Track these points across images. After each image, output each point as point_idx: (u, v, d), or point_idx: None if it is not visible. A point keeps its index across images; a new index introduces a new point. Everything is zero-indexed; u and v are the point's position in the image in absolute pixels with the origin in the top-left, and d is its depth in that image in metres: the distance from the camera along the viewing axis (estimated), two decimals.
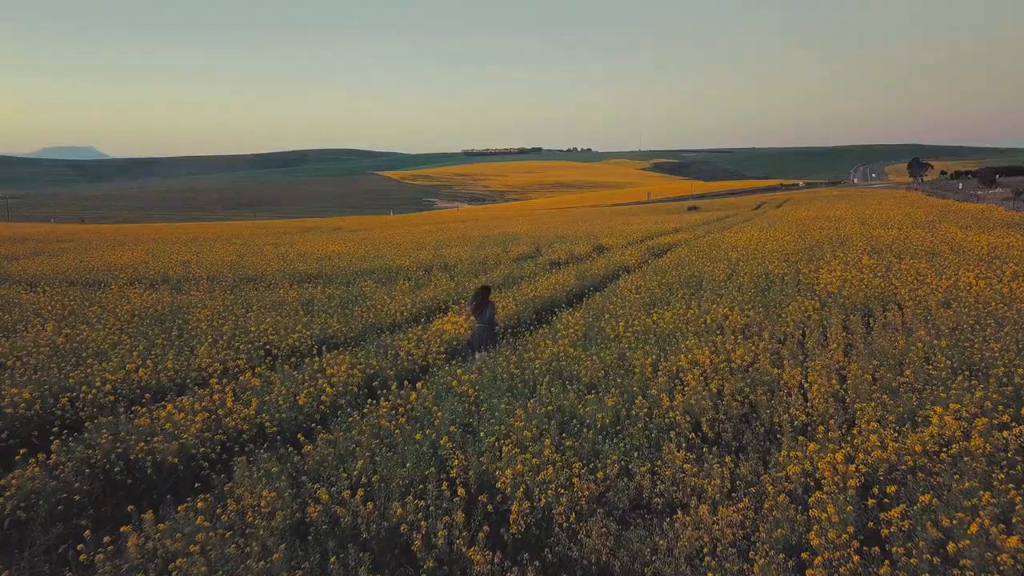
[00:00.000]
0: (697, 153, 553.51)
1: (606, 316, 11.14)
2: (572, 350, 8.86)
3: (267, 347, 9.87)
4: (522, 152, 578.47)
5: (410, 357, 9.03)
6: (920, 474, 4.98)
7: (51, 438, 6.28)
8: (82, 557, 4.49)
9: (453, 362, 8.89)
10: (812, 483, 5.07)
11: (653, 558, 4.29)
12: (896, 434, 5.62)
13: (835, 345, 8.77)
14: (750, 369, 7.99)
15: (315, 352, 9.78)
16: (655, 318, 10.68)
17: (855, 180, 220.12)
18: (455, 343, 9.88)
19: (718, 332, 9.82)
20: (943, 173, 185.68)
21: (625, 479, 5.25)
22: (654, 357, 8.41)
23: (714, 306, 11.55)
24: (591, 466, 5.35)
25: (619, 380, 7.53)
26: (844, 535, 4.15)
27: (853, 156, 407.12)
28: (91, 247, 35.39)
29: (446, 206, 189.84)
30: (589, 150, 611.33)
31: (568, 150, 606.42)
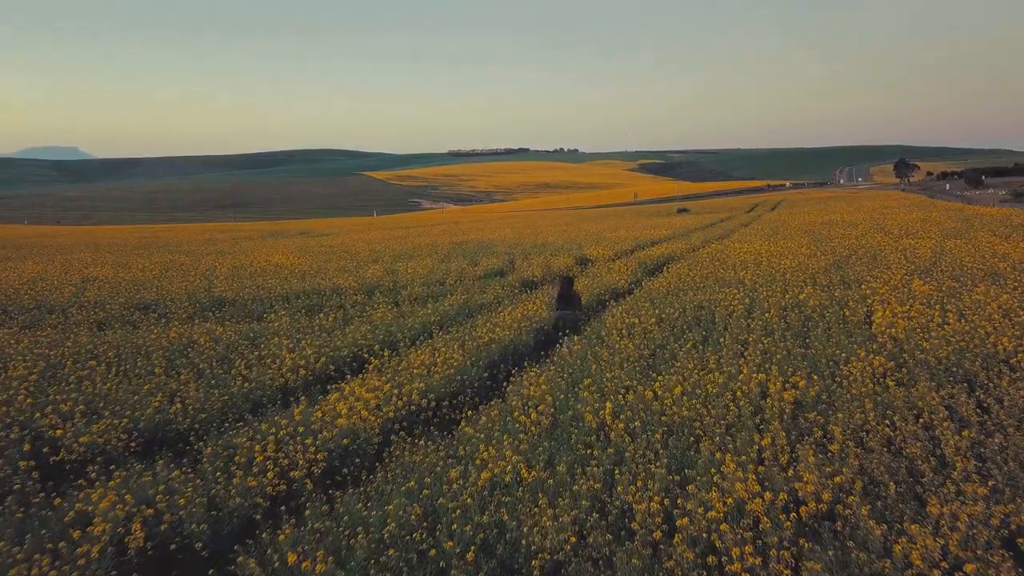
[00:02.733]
0: (684, 154, 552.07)
1: (586, 382, 7.62)
2: (527, 470, 5.31)
3: (48, 449, 6.22)
4: (508, 152, 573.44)
5: (259, 479, 5.41)
6: None
7: None
8: None
9: (327, 492, 5.30)
10: None
11: None
12: None
13: (960, 460, 5.31)
14: (838, 523, 4.50)
15: (125, 458, 6.17)
16: (658, 388, 7.16)
17: (841, 181, 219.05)
18: (348, 442, 6.27)
19: (757, 422, 6.33)
20: (929, 174, 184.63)
21: None
22: (662, 492, 4.89)
23: (741, 363, 8.07)
24: None
25: None
26: None
27: (837, 157, 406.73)
28: (16, 256, 31.39)
29: (432, 207, 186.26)
30: (576, 151, 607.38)
31: (554, 151, 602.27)
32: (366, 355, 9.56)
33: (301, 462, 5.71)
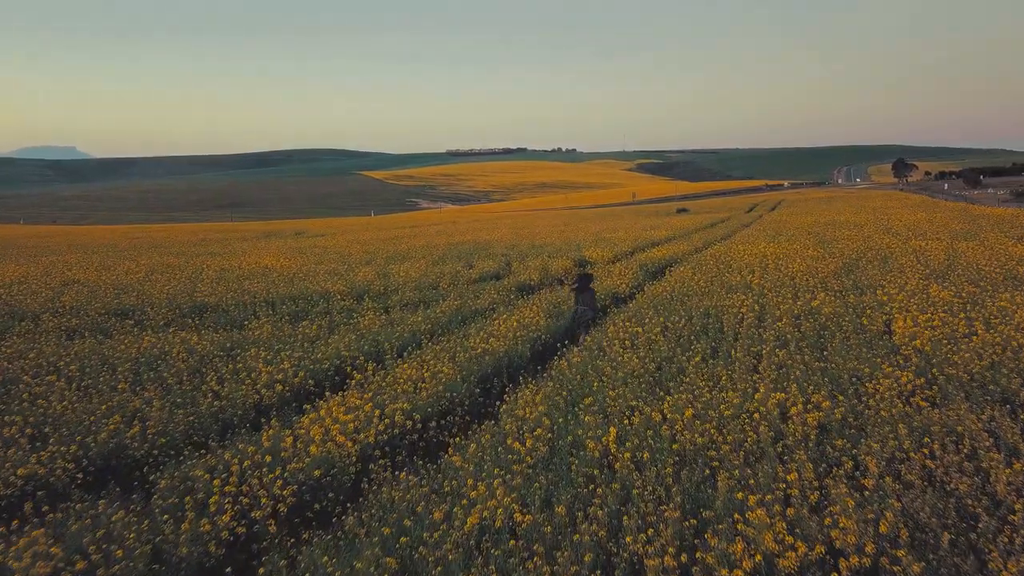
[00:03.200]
0: (681, 153, 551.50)
1: (586, 401, 6.96)
2: (520, 513, 4.64)
3: None
4: (507, 152, 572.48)
5: (216, 520, 4.72)
6: None
7: None
8: None
9: (294, 535, 4.61)
10: None
11: None
12: None
13: (1016, 500, 4.65)
14: None
15: (70, 491, 5.49)
16: (666, 410, 6.50)
17: (839, 180, 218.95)
18: (320, 474, 5.57)
19: (779, 451, 5.66)
20: (927, 174, 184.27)
21: None
22: (677, 539, 4.22)
23: (755, 378, 7.42)
24: None
25: None
26: None
27: (836, 157, 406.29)
28: (1, 258, 30.65)
29: (430, 207, 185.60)
30: (574, 150, 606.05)
31: (552, 150, 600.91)
32: (349, 368, 8.87)
33: (264, 500, 5.03)
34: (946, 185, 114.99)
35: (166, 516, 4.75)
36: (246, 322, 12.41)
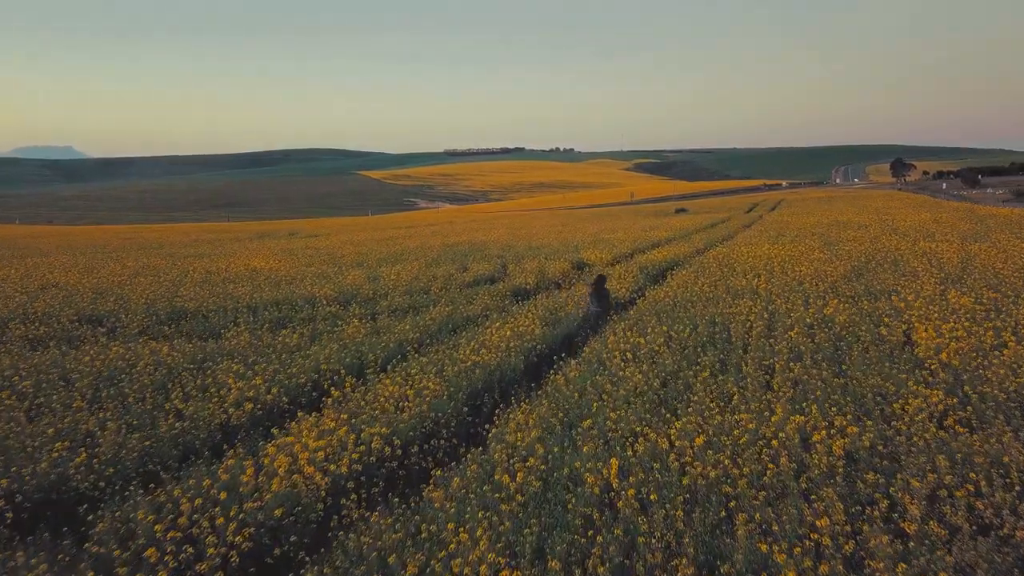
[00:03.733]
0: (679, 153, 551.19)
1: (585, 424, 6.29)
2: (507, 568, 3.96)
3: None
4: (505, 152, 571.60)
5: None
6: None
7: None
8: None
9: None
10: None
11: None
12: None
13: None
14: None
15: None
16: (674, 436, 5.83)
17: (838, 180, 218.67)
18: (282, 513, 4.89)
19: (803, 486, 4.99)
20: (925, 173, 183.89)
21: None
22: None
23: (770, 397, 6.76)
24: None
25: None
26: None
27: (834, 157, 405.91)
28: None
29: (428, 206, 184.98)
30: (572, 150, 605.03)
31: (550, 150, 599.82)
32: (327, 384, 8.18)
33: (212, 551, 4.35)
34: (944, 185, 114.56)
35: (91, 573, 4.07)
36: (224, 330, 11.71)
